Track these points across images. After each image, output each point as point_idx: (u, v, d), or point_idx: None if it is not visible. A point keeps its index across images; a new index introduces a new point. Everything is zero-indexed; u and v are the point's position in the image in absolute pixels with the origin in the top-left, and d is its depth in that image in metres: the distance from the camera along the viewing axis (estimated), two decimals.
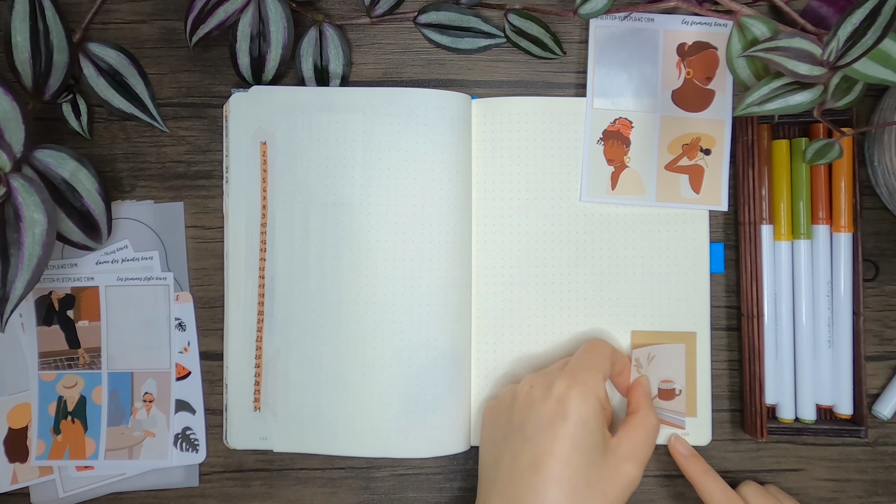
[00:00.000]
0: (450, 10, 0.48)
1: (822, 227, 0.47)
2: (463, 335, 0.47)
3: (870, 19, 0.36)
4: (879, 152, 0.44)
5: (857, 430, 0.46)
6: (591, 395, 0.40)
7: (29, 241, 0.41)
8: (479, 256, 0.48)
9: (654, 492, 0.48)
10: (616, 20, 0.48)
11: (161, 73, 0.49)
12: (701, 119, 0.48)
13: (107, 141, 0.49)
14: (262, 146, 0.48)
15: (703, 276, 0.48)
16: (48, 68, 0.45)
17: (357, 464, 0.49)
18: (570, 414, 0.40)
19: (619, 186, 0.48)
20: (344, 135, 0.47)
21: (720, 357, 0.48)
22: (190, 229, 0.49)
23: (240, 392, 0.47)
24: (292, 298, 0.47)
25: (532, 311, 0.48)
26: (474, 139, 0.48)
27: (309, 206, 0.47)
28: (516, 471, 0.40)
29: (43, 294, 0.48)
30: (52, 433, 0.48)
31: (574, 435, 0.39)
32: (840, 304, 0.46)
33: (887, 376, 0.48)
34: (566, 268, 0.48)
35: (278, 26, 0.47)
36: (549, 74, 0.49)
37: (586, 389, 0.40)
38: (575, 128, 0.48)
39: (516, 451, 0.41)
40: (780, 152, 0.47)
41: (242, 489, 0.48)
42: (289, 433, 0.47)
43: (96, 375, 0.48)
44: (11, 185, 0.41)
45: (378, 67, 0.49)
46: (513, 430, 0.42)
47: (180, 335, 0.49)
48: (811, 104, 0.40)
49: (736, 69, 0.42)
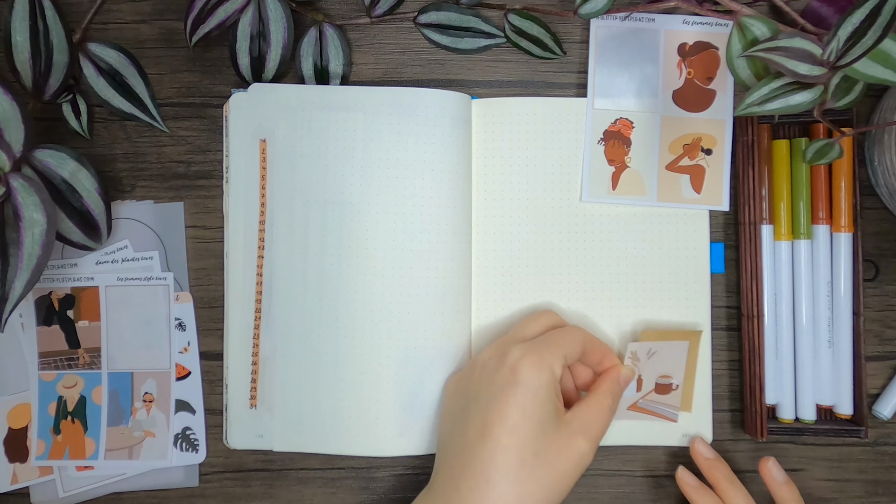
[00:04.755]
0: (450, 10, 0.48)
1: (822, 227, 0.47)
2: (462, 334, 0.47)
3: (870, 19, 0.36)
4: (879, 152, 0.44)
5: (857, 430, 0.46)
6: (545, 365, 0.40)
7: (28, 240, 0.41)
8: (479, 256, 0.48)
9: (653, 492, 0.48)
10: (616, 20, 0.48)
11: (161, 73, 0.49)
12: (702, 119, 0.48)
13: (107, 141, 0.49)
14: (261, 144, 0.48)
15: (704, 276, 0.48)
16: (48, 68, 0.45)
17: (357, 464, 0.49)
18: (521, 382, 0.39)
19: (620, 186, 0.48)
20: (344, 134, 0.47)
21: (720, 357, 0.48)
22: (190, 229, 0.49)
23: (238, 391, 0.47)
24: (290, 297, 0.47)
25: (531, 311, 0.48)
26: (474, 139, 0.48)
27: (308, 205, 0.47)
28: (467, 440, 0.40)
29: (43, 294, 0.48)
30: (52, 433, 0.48)
31: (524, 403, 0.39)
32: (840, 304, 0.46)
33: (887, 376, 0.48)
34: (566, 268, 0.48)
35: (278, 26, 0.47)
36: (549, 74, 0.49)
37: (540, 360, 0.40)
38: (575, 128, 0.48)
39: (469, 418, 0.40)
40: (780, 152, 0.47)
41: (242, 489, 0.48)
42: (286, 431, 0.47)
43: (96, 375, 0.48)
44: (11, 185, 0.41)
45: (378, 67, 0.49)
46: (469, 400, 0.42)
47: (180, 335, 0.49)
48: (811, 104, 0.40)
49: (736, 69, 0.42)
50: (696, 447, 0.46)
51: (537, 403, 0.39)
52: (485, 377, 0.41)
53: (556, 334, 0.43)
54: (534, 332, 0.44)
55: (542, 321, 0.44)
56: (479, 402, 0.41)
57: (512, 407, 0.39)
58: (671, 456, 0.48)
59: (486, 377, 0.41)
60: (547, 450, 0.39)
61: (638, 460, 0.48)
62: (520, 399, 0.39)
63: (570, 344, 0.42)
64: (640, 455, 0.48)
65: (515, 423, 0.39)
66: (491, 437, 0.39)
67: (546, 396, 0.40)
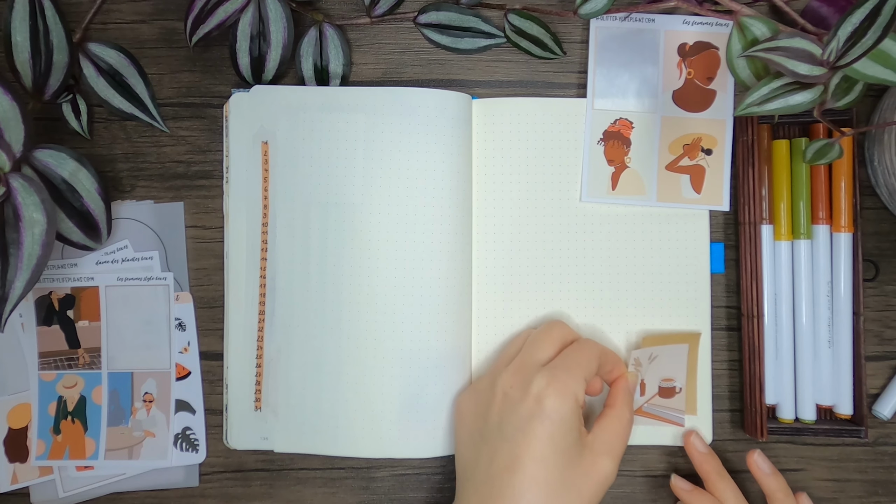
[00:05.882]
0: (450, 10, 0.48)
1: (822, 227, 0.47)
2: (463, 335, 0.47)
3: (870, 19, 0.37)
4: (879, 152, 0.44)
5: (857, 430, 0.46)
6: (569, 393, 0.40)
7: (28, 240, 0.41)
8: (479, 256, 0.48)
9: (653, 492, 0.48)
10: (616, 20, 0.48)
11: (161, 73, 0.49)
12: (702, 119, 0.48)
13: (107, 141, 0.49)
14: (263, 146, 0.48)
15: (704, 276, 0.48)
16: (48, 68, 0.45)
17: (357, 464, 0.49)
18: (548, 413, 0.40)
19: (620, 187, 0.48)
20: (345, 134, 0.47)
21: (720, 357, 0.48)
22: (190, 229, 0.49)
23: (240, 392, 0.47)
24: (293, 298, 0.47)
25: (532, 312, 0.48)
26: (475, 139, 0.48)
27: (310, 206, 0.47)
28: (494, 471, 0.40)
29: (43, 294, 0.48)
30: (52, 433, 0.48)
31: (552, 434, 0.39)
32: (840, 304, 0.46)
33: (887, 376, 0.48)
34: (566, 268, 0.48)
35: (278, 26, 0.47)
36: (549, 74, 0.49)
37: (564, 388, 0.40)
38: (575, 128, 0.48)
39: (494, 450, 0.41)
40: (780, 152, 0.47)
41: (242, 489, 0.48)
42: (289, 433, 0.47)
43: (96, 375, 0.48)
44: (11, 185, 0.41)
45: (378, 67, 0.49)
46: (490, 429, 0.42)
47: (180, 335, 0.49)
48: (811, 104, 0.40)
49: (736, 69, 0.42)
50: (690, 440, 0.46)
51: (563, 433, 0.40)
52: (507, 406, 0.41)
53: (574, 354, 0.43)
54: (549, 352, 0.43)
55: (555, 337, 0.44)
56: (503, 432, 0.41)
57: (539, 440, 0.39)
58: (670, 456, 0.48)
59: (508, 406, 0.41)
60: (574, 477, 0.40)
61: (637, 460, 0.48)
62: (547, 430, 0.39)
63: (588, 364, 0.42)
64: (639, 455, 0.48)
65: (544, 454, 0.39)
66: (520, 469, 0.39)
67: (571, 424, 0.40)
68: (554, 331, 0.44)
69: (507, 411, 0.41)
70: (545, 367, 0.42)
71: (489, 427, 0.42)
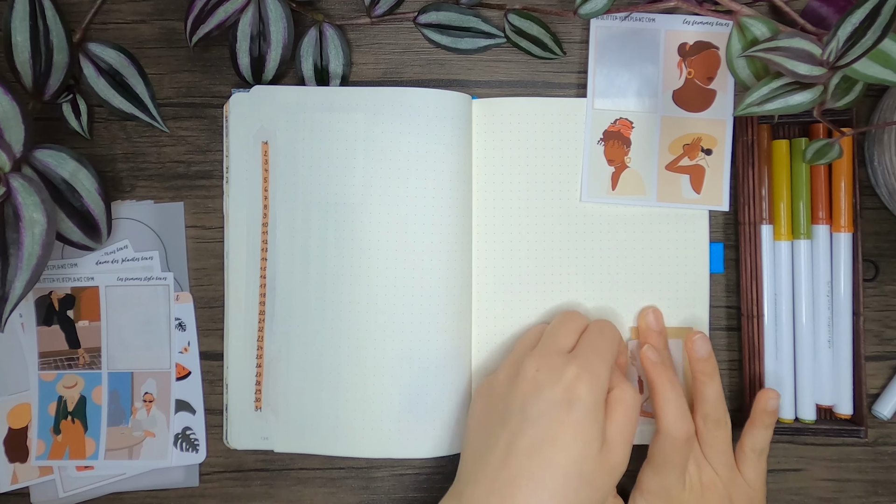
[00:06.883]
0: (450, 10, 0.48)
1: (822, 227, 0.47)
2: (463, 335, 0.47)
3: (870, 19, 0.37)
4: (879, 152, 0.44)
5: (857, 430, 0.46)
6: (600, 384, 0.40)
7: (28, 240, 0.41)
8: (479, 256, 0.48)
9: None
10: (616, 20, 0.48)
11: (161, 73, 0.49)
12: (702, 119, 0.48)
13: (107, 141, 0.49)
14: (263, 146, 0.48)
15: (703, 276, 0.48)
16: (48, 68, 0.45)
17: (357, 464, 0.49)
18: (578, 402, 0.39)
19: (620, 187, 0.48)
20: (346, 134, 0.47)
21: (720, 357, 0.48)
22: (190, 229, 0.49)
23: (241, 392, 0.47)
24: (293, 298, 0.47)
25: (532, 311, 0.48)
26: (475, 139, 0.48)
27: (310, 206, 0.47)
28: (513, 454, 0.39)
29: (43, 294, 0.48)
30: (52, 433, 0.48)
31: (578, 424, 0.39)
32: (840, 304, 0.46)
33: (887, 376, 0.48)
34: (566, 268, 0.48)
35: (278, 26, 0.47)
36: (549, 74, 0.49)
37: (596, 379, 0.40)
38: (575, 128, 0.48)
39: (514, 434, 0.40)
40: (780, 152, 0.47)
41: (242, 489, 0.48)
42: (290, 433, 0.47)
43: (96, 375, 0.48)
44: (11, 185, 0.41)
45: (378, 67, 0.49)
46: (512, 412, 0.40)
47: (180, 335, 0.49)
48: (811, 104, 0.40)
49: (736, 69, 0.42)
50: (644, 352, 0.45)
51: (589, 423, 0.39)
52: (534, 389, 0.40)
53: (597, 340, 0.42)
54: (572, 340, 0.43)
55: (575, 325, 0.44)
56: (525, 414, 0.40)
57: (566, 426, 0.39)
58: None
59: (535, 390, 0.40)
60: (592, 469, 0.39)
61: (637, 459, 0.48)
62: (574, 418, 0.39)
63: (613, 349, 0.42)
64: (639, 454, 0.48)
65: (567, 442, 0.38)
66: (541, 454, 0.38)
67: (596, 415, 0.39)
68: (572, 321, 0.44)
69: (532, 394, 0.40)
70: (572, 355, 0.41)
71: (511, 410, 0.41)
